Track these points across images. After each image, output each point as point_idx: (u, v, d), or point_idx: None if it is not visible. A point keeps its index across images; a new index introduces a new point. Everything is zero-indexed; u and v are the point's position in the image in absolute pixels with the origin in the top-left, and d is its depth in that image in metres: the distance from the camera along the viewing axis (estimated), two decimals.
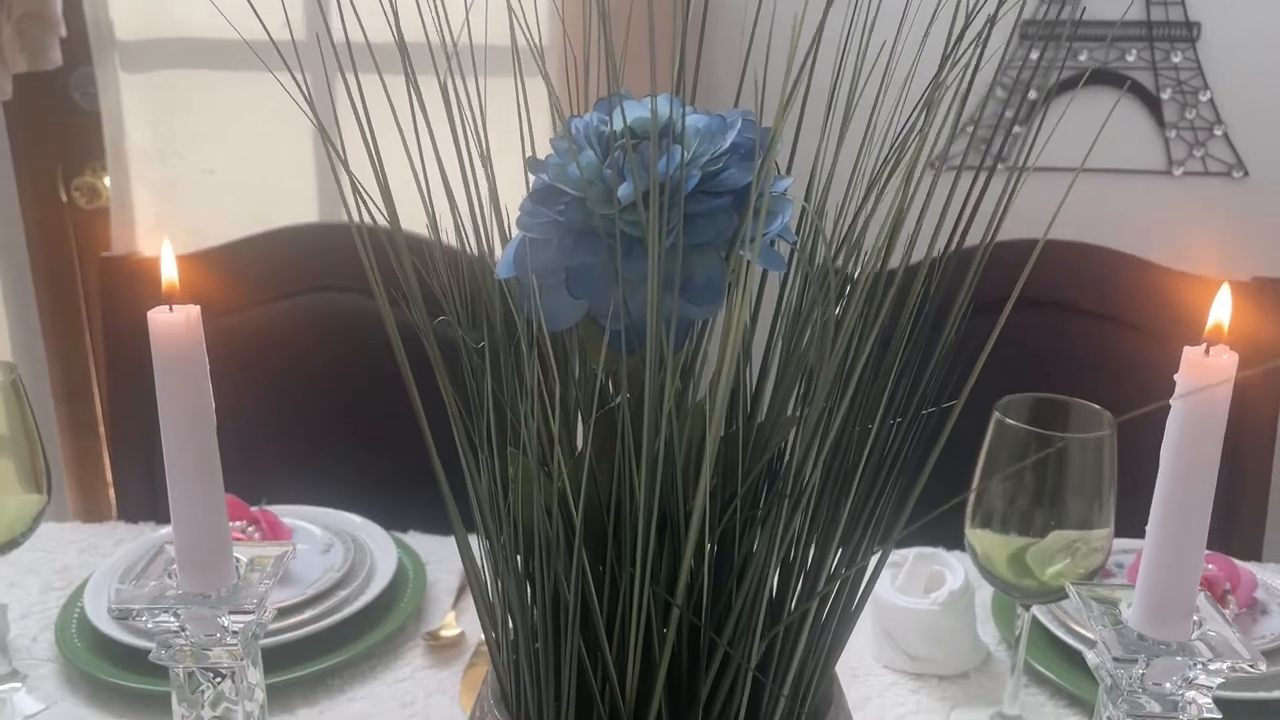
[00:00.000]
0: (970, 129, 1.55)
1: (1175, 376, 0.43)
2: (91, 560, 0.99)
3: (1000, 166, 1.62)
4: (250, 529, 0.92)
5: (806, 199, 0.40)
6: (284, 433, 1.21)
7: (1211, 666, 0.43)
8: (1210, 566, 0.86)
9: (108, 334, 1.16)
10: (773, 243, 0.38)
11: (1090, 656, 0.48)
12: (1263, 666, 0.43)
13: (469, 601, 0.95)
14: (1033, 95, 1.61)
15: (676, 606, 0.38)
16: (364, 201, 0.37)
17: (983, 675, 0.87)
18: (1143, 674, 0.45)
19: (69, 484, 1.61)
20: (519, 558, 0.42)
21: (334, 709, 0.82)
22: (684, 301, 0.34)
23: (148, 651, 0.82)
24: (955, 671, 0.86)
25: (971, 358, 0.43)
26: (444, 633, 0.90)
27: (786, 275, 0.41)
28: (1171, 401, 0.43)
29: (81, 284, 1.69)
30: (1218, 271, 1.23)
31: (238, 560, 0.49)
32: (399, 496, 1.10)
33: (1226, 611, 0.85)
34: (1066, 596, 0.77)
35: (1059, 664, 0.85)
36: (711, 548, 0.39)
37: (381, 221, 0.39)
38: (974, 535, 0.77)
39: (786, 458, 0.40)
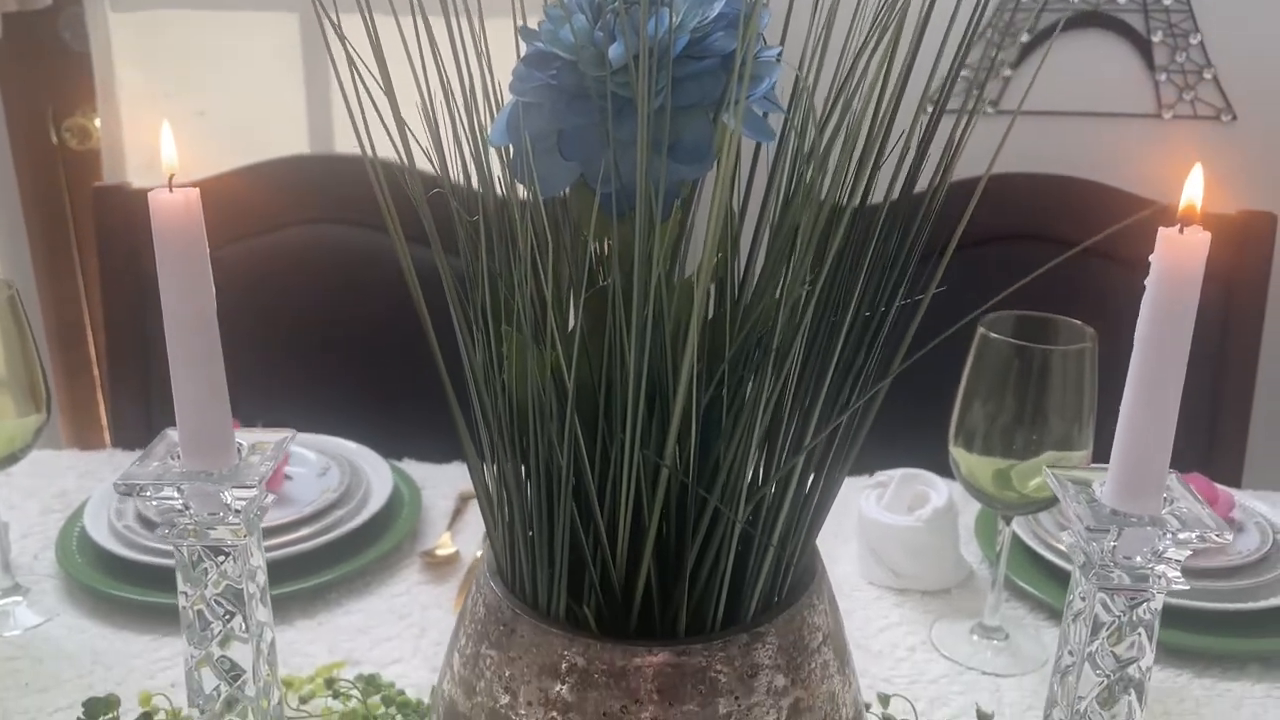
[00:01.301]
0: (960, 72, 1.55)
1: (1150, 258, 0.44)
2: (89, 485, 1.00)
3: (990, 110, 1.62)
4: None
5: (798, 77, 0.41)
6: (277, 365, 1.22)
7: (1181, 536, 0.45)
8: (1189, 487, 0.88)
9: (102, 264, 1.17)
10: (765, 115, 0.39)
11: (1065, 536, 0.50)
12: (1229, 536, 0.45)
13: (464, 523, 0.97)
14: (1025, 39, 1.61)
15: (664, 466, 0.40)
16: (357, 76, 0.38)
17: (965, 591, 0.89)
18: (1114, 546, 0.46)
19: (63, 422, 1.62)
20: (513, 428, 0.43)
21: (331, 621, 0.84)
22: (673, 162, 0.35)
23: (147, 566, 0.84)
24: (938, 587, 0.89)
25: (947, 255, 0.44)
26: (439, 551, 0.91)
27: (777, 159, 0.42)
28: (1146, 283, 0.45)
29: (73, 226, 1.69)
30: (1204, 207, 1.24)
31: (239, 444, 0.50)
32: (393, 426, 1.11)
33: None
34: (1047, 508, 0.79)
35: (1039, 579, 0.87)
36: (699, 411, 0.40)
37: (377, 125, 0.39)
38: (957, 453, 0.79)
39: (773, 323, 0.41)
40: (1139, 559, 0.47)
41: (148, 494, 0.47)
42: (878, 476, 0.93)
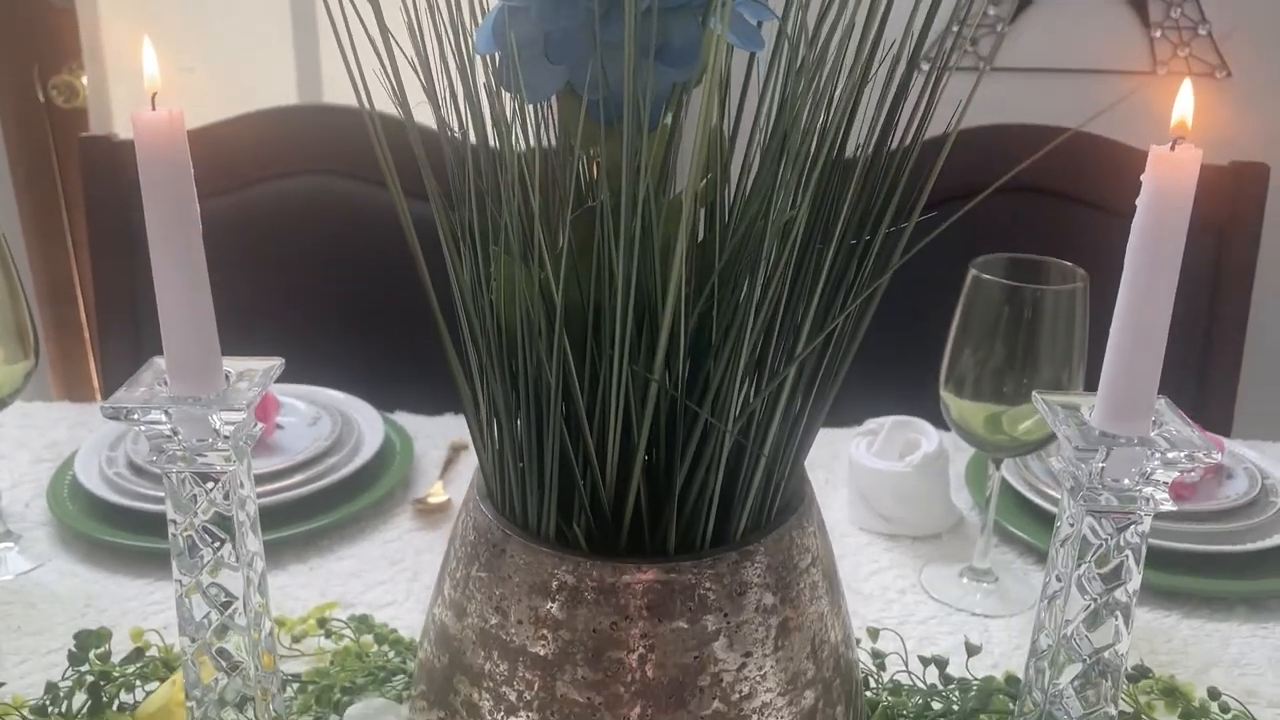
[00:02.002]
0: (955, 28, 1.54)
1: (1141, 177, 0.44)
2: (80, 435, 1.00)
3: (985, 67, 1.61)
4: None
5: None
6: (269, 316, 1.22)
7: (1169, 456, 0.45)
8: (1176, 507, 0.88)
9: (89, 216, 1.16)
10: (758, 25, 0.38)
11: (1053, 462, 0.50)
12: (1217, 456, 0.45)
13: (456, 473, 0.97)
14: None
15: (654, 381, 0.40)
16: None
17: (954, 536, 0.90)
18: (1102, 467, 0.46)
19: (53, 377, 1.62)
20: (501, 348, 0.43)
21: (324, 566, 0.84)
22: (661, 65, 0.35)
23: (139, 512, 0.84)
24: (928, 532, 0.89)
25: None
26: (431, 499, 0.92)
27: (769, 74, 0.42)
28: (1137, 203, 0.44)
29: (61, 185, 1.68)
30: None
31: (228, 372, 0.50)
32: (385, 379, 1.11)
33: (1192, 474, 0.87)
34: (1037, 449, 0.79)
35: (1028, 523, 0.88)
36: (688, 326, 0.40)
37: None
38: (948, 397, 0.79)
39: (761, 243, 0.41)
40: (1127, 481, 0.47)
41: (135, 418, 0.46)
42: (868, 424, 0.94)
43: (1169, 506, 0.47)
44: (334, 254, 1.24)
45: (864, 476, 0.89)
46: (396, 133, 0.41)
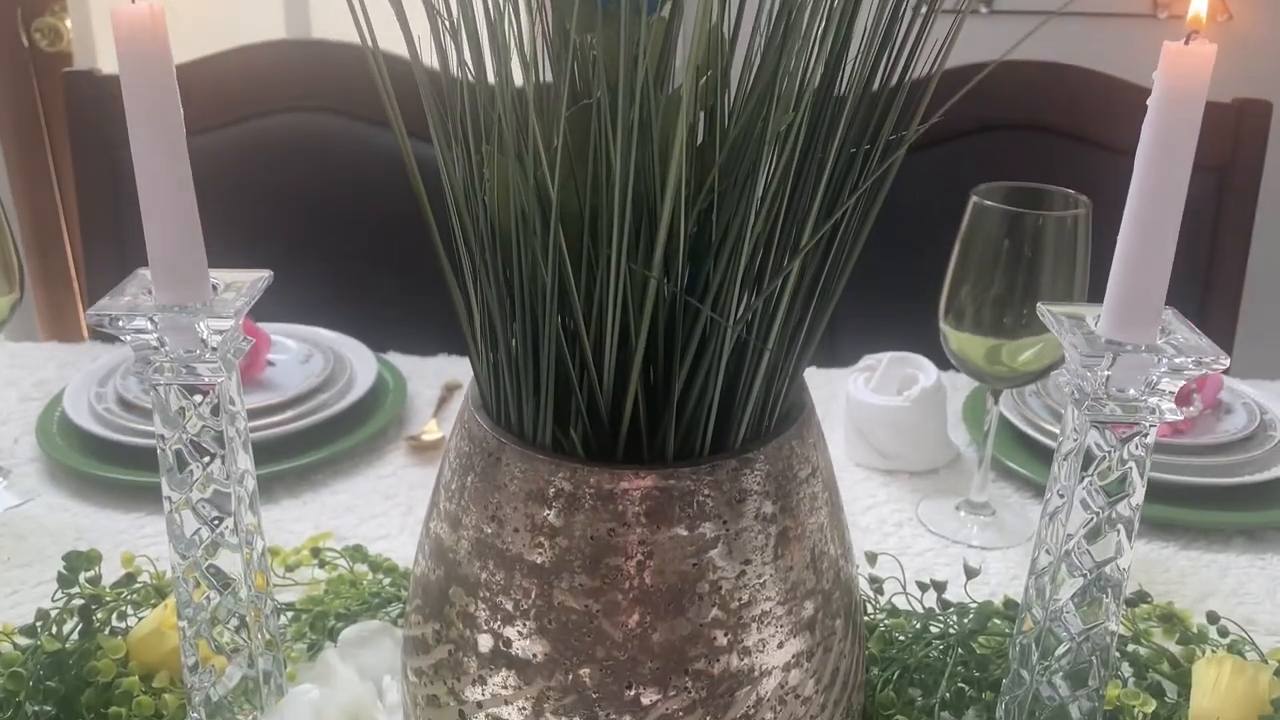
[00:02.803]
0: None
1: (1154, 74, 0.43)
2: (69, 375, 0.99)
3: (985, 11, 1.59)
4: None
5: None
6: (256, 259, 1.20)
7: (1177, 361, 0.44)
8: (1182, 416, 0.88)
9: (75, 153, 1.14)
10: None
11: (1059, 375, 0.49)
12: (1225, 361, 0.45)
13: (450, 411, 0.96)
14: None
15: (652, 278, 0.39)
16: None
17: (951, 472, 0.89)
18: (1108, 376, 0.46)
19: (40, 322, 1.60)
20: (495, 249, 0.42)
21: (317, 500, 0.83)
22: None
23: (128, 447, 0.83)
24: (925, 467, 0.88)
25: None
26: (425, 436, 0.91)
27: None
28: (1149, 102, 0.43)
29: (47, 131, 1.65)
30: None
31: (215, 283, 0.49)
32: (378, 319, 1.10)
33: (1191, 408, 0.87)
34: (1036, 380, 0.79)
35: (1025, 458, 0.87)
36: (688, 217, 0.39)
37: None
38: (947, 329, 0.78)
39: (762, 138, 0.39)
40: (1133, 391, 0.46)
41: (120, 325, 0.45)
42: (865, 360, 0.93)
43: (1175, 416, 0.46)
44: (324, 194, 1.22)
45: (861, 412, 0.88)
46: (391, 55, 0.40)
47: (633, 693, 0.43)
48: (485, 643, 0.44)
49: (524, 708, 0.44)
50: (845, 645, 0.48)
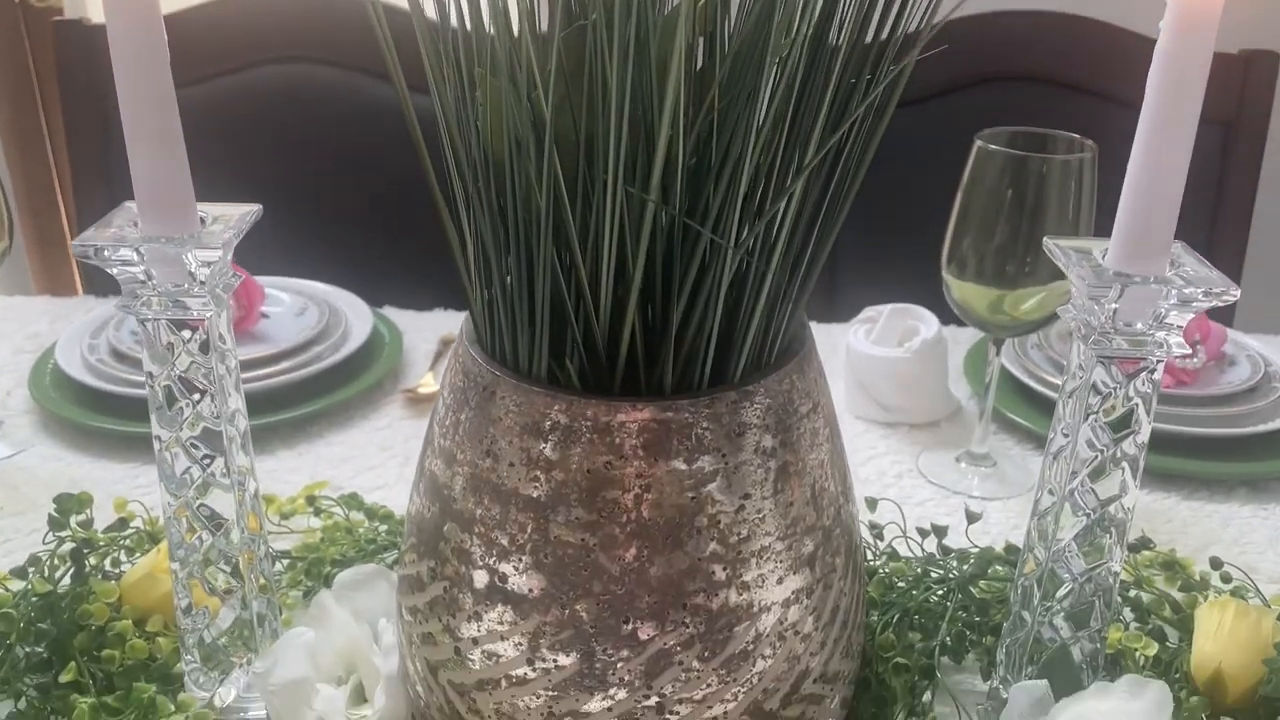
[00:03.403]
0: None
1: (1160, 24, 0.42)
2: (61, 328, 0.98)
3: None
4: None
5: None
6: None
7: (1186, 292, 0.43)
8: (1190, 352, 0.87)
9: (65, 101, 1.12)
10: None
11: (1065, 311, 0.48)
12: (1236, 293, 0.44)
13: (446, 365, 0.95)
14: None
15: (649, 201, 0.38)
16: None
17: (952, 424, 0.88)
18: (1115, 309, 0.45)
19: (34, 277, 1.59)
20: (488, 175, 0.41)
21: (313, 452, 0.82)
22: None
23: (121, 397, 0.82)
24: (925, 420, 0.88)
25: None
26: (422, 389, 0.90)
27: None
28: (1160, 25, 0.42)
29: (38, 85, 1.63)
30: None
31: (203, 215, 0.48)
32: (374, 274, 1.09)
33: (1195, 360, 0.86)
34: (1038, 329, 0.78)
35: (1027, 410, 0.86)
36: (687, 145, 0.38)
37: None
38: (950, 278, 0.77)
39: (761, 61, 0.38)
40: (1140, 325, 0.45)
41: (106, 256, 0.44)
42: (866, 312, 0.92)
43: (1183, 351, 0.45)
44: (316, 146, 1.20)
45: (862, 364, 0.88)
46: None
47: (630, 627, 0.42)
48: (480, 579, 0.44)
49: (520, 643, 0.43)
50: (845, 584, 0.47)
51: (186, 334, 0.47)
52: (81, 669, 0.53)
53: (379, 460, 0.82)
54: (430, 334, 1.01)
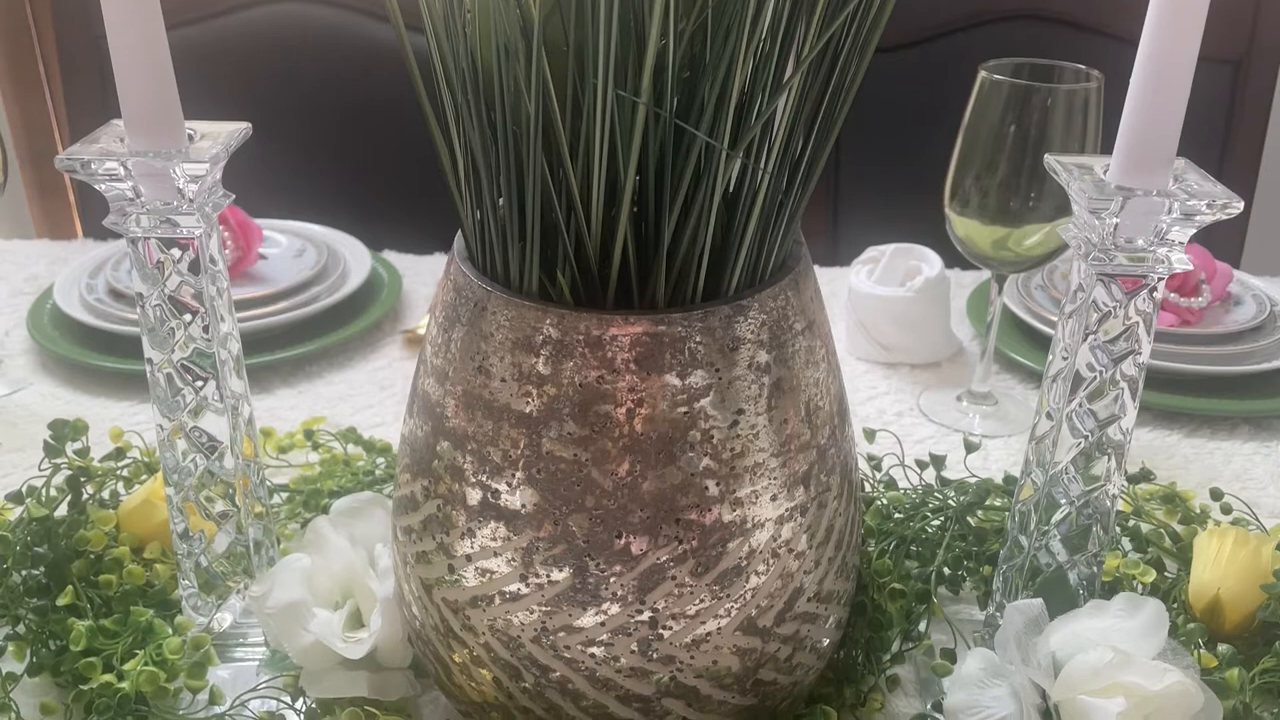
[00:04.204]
0: None
1: None
2: (60, 270, 0.97)
3: None
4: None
5: None
6: (246, 156, 1.18)
7: (1189, 205, 0.42)
8: (1192, 266, 0.86)
9: (60, 40, 1.11)
10: None
11: (1065, 231, 0.48)
12: (1239, 205, 0.43)
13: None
14: None
15: (641, 103, 0.37)
16: None
17: (953, 365, 0.88)
18: (1116, 223, 0.44)
19: (33, 219, 1.59)
20: (477, 82, 0.40)
21: (312, 390, 0.82)
22: None
23: (119, 336, 0.82)
24: (927, 360, 0.87)
25: None
26: (421, 330, 0.90)
27: None
28: None
29: (36, 36, 1.62)
30: None
31: (191, 132, 0.47)
32: (372, 220, 1.08)
33: (1200, 300, 0.85)
34: (1041, 265, 0.77)
35: (1029, 350, 0.86)
36: (679, 44, 0.37)
37: None
38: (952, 214, 0.76)
39: None
40: (1141, 241, 0.45)
41: (93, 169, 0.44)
42: (868, 252, 0.91)
43: (1184, 267, 0.45)
44: (315, 88, 1.19)
45: (864, 304, 0.87)
46: None
47: (622, 542, 0.42)
48: (473, 496, 0.43)
49: (513, 559, 0.43)
50: (840, 504, 0.47)
51: (176, 253, 0.47)
52: (79, 593, 0.53)
53: (377, 399, 0.81)
54: (429, 277, 1.00)
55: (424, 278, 1.00)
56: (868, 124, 1.20)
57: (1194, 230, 0.44)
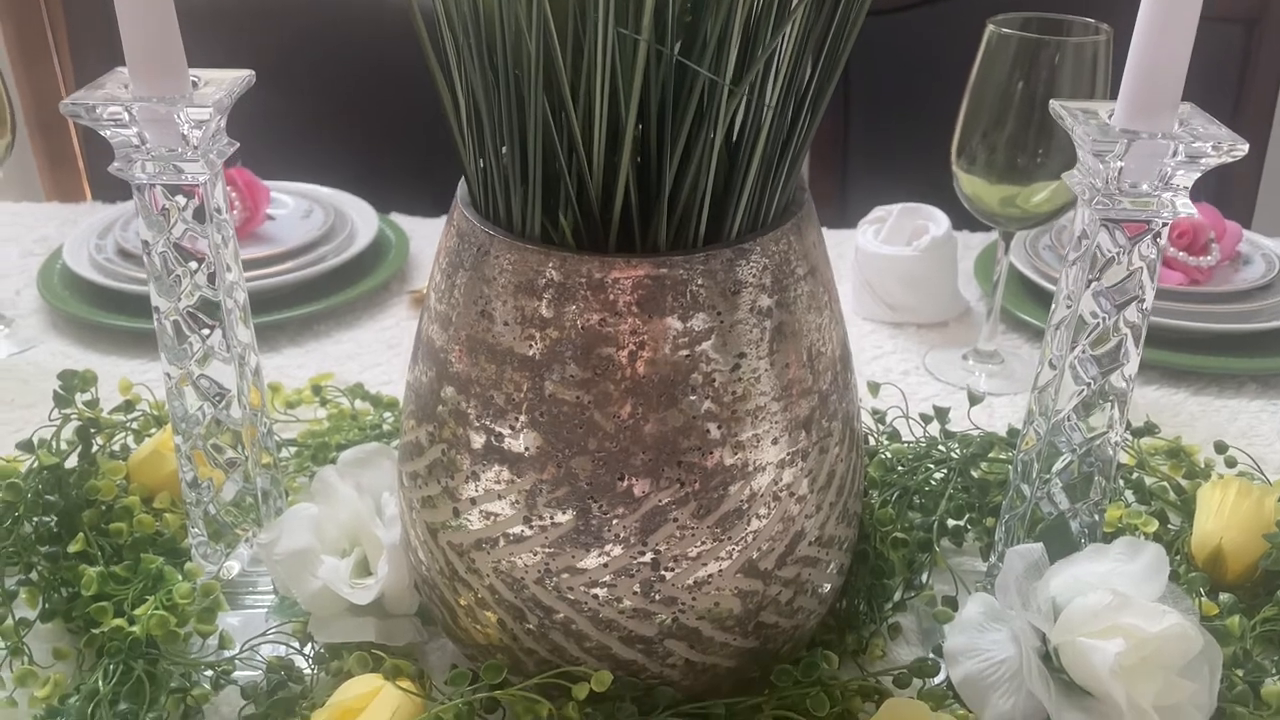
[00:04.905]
0: None
1: None
2: (69, 233, 0.98)
3: None
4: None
5: None
6: (252, 119, 1.18)
7: (1194, 147, 0.42)
8: (1198, 215, 0.85)
9: (70, 21, 1.11)
10: None
11: (1070, 176, 0.47)
12: (1244, 147, 0.43)
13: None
14: None
15: (643, 40, 0.37)
16: None
17: (960, 325, 0.88)
18: (1120, 167, 0.44)
19: (42, 183, 1.59)
20: (478, 24, 0.40)
21: (320, 350, 0.83)
22: None
23: (129, 294, 0.83)
24: (933, 319, 0.87)
25: None
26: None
27: None
28: None
29: (44, 6, 1.61)
30: None
31: (195, 79, 0.47)
32: (381, 181, 1.08)
33: (1209, 258, 0.85)
34: (1048, 221, 0.76)
35: (1036, 309, 0.86)
36: None
37: None
38: (960, 172, 0.75)
39: None
40: (1145, 185, 0.45)
41: (97, 114, 0.44)
42: (875, 212, 0.91)
43: (1189, 211, 0.44)
44: (322, 52, 1.19)
45: (871, 263, 0.87)
46: None
47: (625, 484, 0.42)
48: (477, 439, 0.44)
49: (516, 502, 0.43)
50: (842, 450, 0.47)
51: (181, 200, 0.47)
52: (90, 541, 0.54)
53: (385, 358, 0.82)
54: (435, 238, 1.00)
55: (431, 239, 1.00)
56: (879, 85, 1.19)
57: (1198, 174, 0.44)
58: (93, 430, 0.59)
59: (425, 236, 1.00)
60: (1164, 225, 0.45)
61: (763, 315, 0.43)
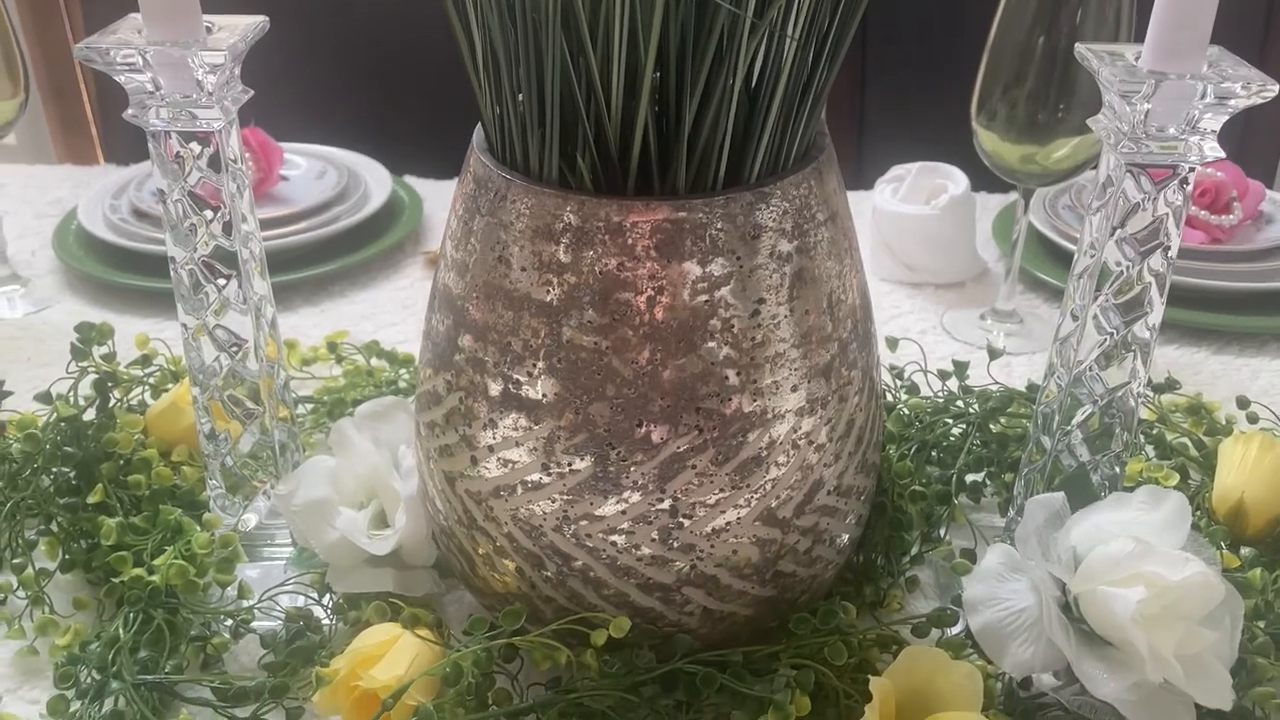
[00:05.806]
0: None
1: None
2: (83, 194, 0.98)
3: None
4: None
5: None
6: (268, 81, 1.17)
7: (1223, 87, 0.41)
8: (1220, 174, 0.84)
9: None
10: None
11: (1095, 121, 0.47)
12: (1275, 88, 0.42)
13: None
14: None
15: None
16: None
17: (978, 285, 0.87)
18: (1147, 110, 0.43)
19: (55, 147, 1.59)
20: None
21: (335, 309, 0.83)
22: None
23: (144, 254, 0.83)
24: (951, 279, 0.86)
25: None
26: None
27: None
28: None
29: None
30: None
31: (209, 25, 0.47)
32: (394, 146, 1.07)
33: (1231, 217, 0.84)
34: (1067, 179, 0.75)
35: (1055, 269, 0.85)
36: None
37: None
38: (980, 128, 0.74)
39: None
40: (1173, 129, 0.44)
41: (110, 58, 0.44)
42: (894, 171, 0.90)
43: (1216, 155, 0.44)
44: (336, 11, 1.18)
45: (889, 222, 0.86)
46: None
47: (643, 430, 0.42)
48: (495, 387, 0.44)
49: (535, 448, 0.43)
50: (861, 399, 0.47)
51: (196, 147, 0.47)
52: (109, 492, 0.54)
53: (400, 317, 0.82)
54: (449, 200, 1.00)
55: (445, 201, 0.99)
56: (896, 41, 1.18)
57: (1226, 117, 0.43)
58: (110, 384, 0.59)
59: (438, 199, 1.00)
60: (1190, 170, 0.45)
61: (782, 260, 0.42)
